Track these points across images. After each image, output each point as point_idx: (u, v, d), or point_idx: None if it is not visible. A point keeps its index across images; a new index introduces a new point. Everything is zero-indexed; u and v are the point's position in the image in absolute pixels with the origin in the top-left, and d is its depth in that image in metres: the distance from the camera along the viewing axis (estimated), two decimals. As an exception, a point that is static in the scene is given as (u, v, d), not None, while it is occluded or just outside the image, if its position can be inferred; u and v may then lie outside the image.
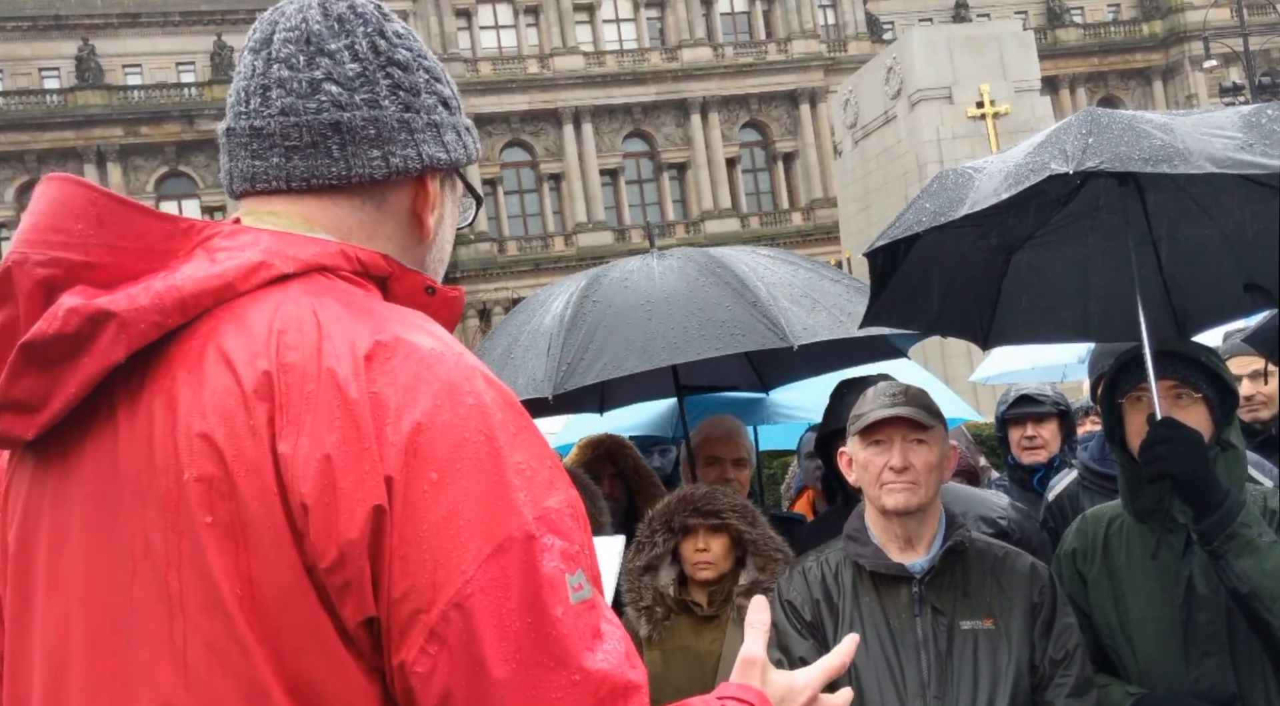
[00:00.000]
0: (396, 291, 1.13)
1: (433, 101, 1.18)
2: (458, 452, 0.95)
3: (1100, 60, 49.81)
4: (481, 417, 0.97)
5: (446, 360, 1.00)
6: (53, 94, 41.33)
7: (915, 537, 2.45)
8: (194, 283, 1.01)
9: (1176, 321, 2.82)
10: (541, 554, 0.95)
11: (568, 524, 0.98)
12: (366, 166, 1.13)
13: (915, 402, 2.46)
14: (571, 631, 0.94)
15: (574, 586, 0.96)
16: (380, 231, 1.16)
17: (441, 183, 1.20)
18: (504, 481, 0.96)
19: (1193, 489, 2.24)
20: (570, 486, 1.03)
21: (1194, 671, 2.35)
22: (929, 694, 2.32)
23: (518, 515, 0.95)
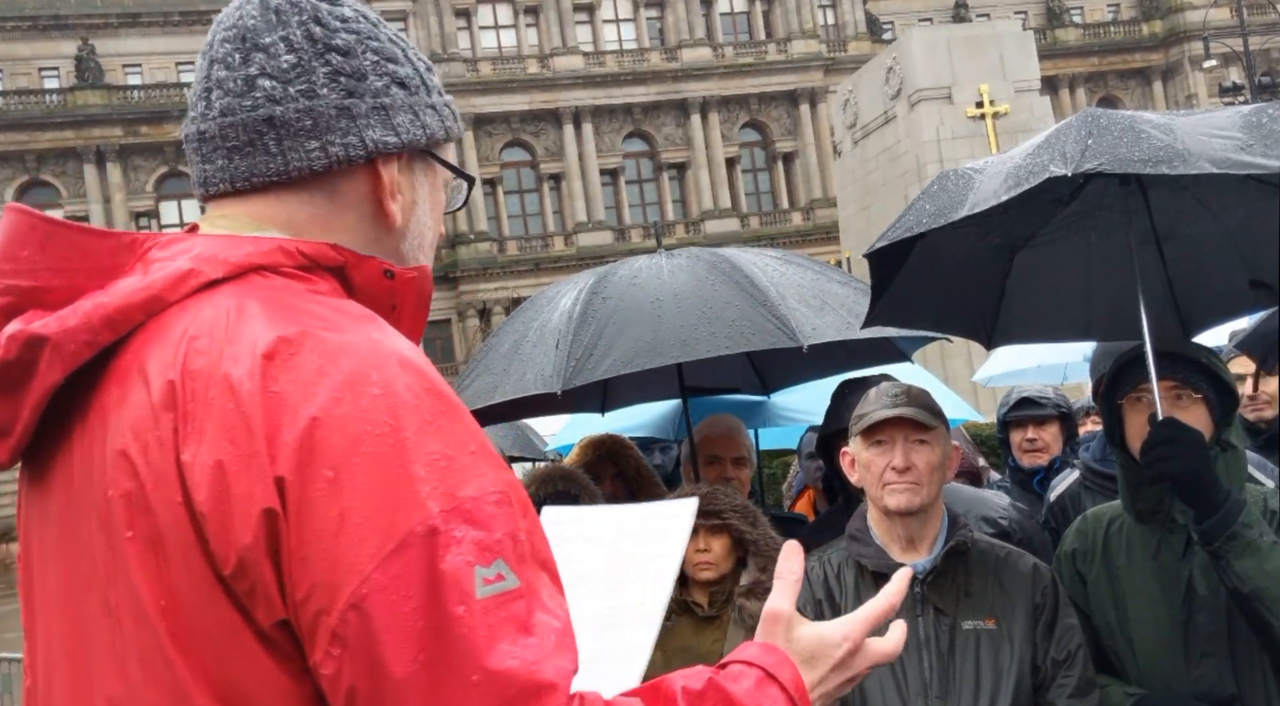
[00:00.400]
0: (357, 280, 1.11)
1: (382, 83, 1.14)
2: (355, 447, 0.92)
3: (1100, 60, 49.81)
4: (387, 408, 0.94)
5: (356, 350, 0.96)
6: (52, 94, 41.33)
7: (917, 538, 2.46)
8: (120, 298, 1.01)
9: (1181, 320, 2.82)
10: (446, 548, 0.91)
11: (488, 512, 0.94)
12: (304, 159, 1.10)
13: (917, 403, 2.46)
14: (475, 628, 0.90)
15: (486, 579, 0.91)
16: (338, 223, 1.13)
17: (411, 166, 1.17)
18: (407, 474, 0.92)
19: (1194, 489, 2.24)
20: (502, 469, 0.98)
21: (1194, 672, 2.35)
22: (931, 694, 2.32)
23: (420, 509, 0.91)
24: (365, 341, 0.98)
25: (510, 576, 0.93)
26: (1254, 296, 2.77)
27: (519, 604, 0.92)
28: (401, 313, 1.13)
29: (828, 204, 41.25)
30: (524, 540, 0.96)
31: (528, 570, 0.95)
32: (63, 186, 40.92)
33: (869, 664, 1.15)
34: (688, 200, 46.36)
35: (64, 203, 40.64)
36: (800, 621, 1.13)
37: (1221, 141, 2.08)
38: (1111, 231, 2.62)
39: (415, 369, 0.98)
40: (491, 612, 0.91)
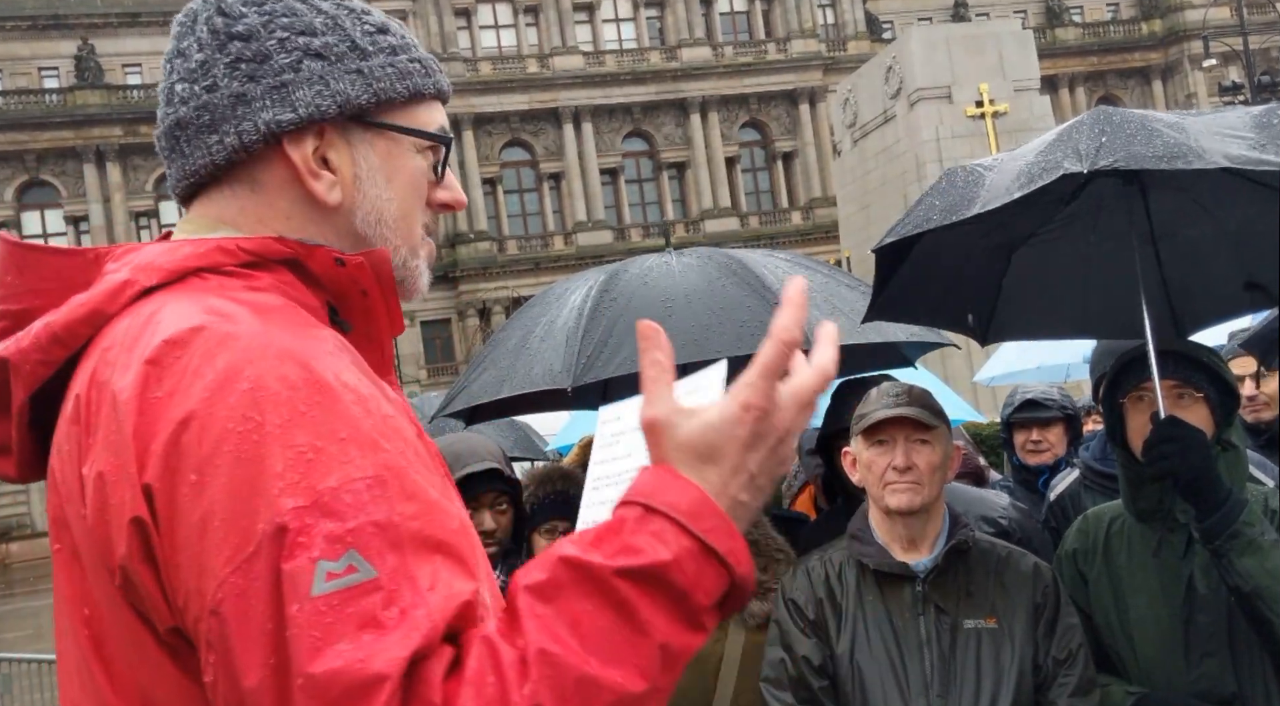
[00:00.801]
0: (316, 270, 1.08)
1: (290, 59, 1.10)
2: (219, 447, 0.89)
3: (1099, 59, 49.83)
4: (254, 402, 0.90)
5: (236, 345, 0.94)
6: (52, 93, 41.34)
7: (919, 537, 2.46)
8: (66, 314, 1.02)
9: (1175, 320, 2.83)
10: (291, 547, 0.86)
11: (350, 500, 0.88)
12: (205, 154, 1.10)
13: (918, 403, 2.46)
14: (305, 629, 0.85)
15: (331, 573, 0.86)
16: (271, 212, 1.11)
17: (346, 138, 1.12)
18: (263, 471, 0.88)
19: (1196, 488, 2.25)
20: (379, 452, 0.92)
21: (1194, 671, 2.36)
22: (932, 692, 2.32)
23: (271, 507, 0.87)
24: (250, 335, 0.95)
25: (365, 567, 0.86)
26: (1249, 298, 2.78)
27: (372, 598, 0.86)
28: (372, 297, 1.10)
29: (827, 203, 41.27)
30: (399, 524, 0.89)
31: (397, 557, 0.88)
32: (62, 186, 40.92)
33: (798, 410, 0.95)
34: (687, 199, 46.38)
35: (64, 203, 40.67)
36: (685, 414, 0.94)
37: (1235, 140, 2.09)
38: (1112, 230, 2.63)
39: (295, 359, 0.94)
40: (330, 611, 0.85)
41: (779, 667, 2.45)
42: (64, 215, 40.69)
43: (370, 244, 1.13)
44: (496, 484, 3.01)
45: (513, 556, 3.10)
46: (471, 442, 3.12)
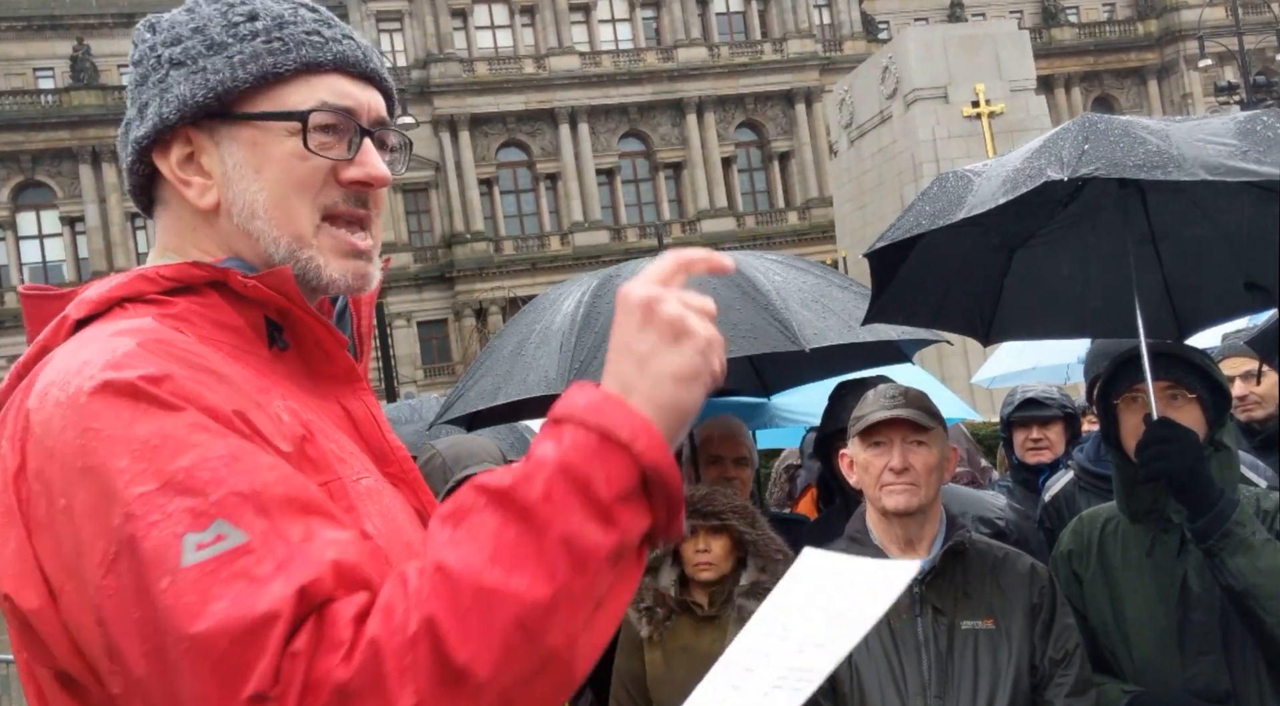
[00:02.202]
0: (239, 289, 1.08)
1: (159, 75, 1.12)
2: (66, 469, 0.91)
3: (1095, 59, 49.88)
4: (91, 416, 0.92)
5: (70, 368, 0.96)
6: (47, 94, 41.24)
7: (916, 538, 2.47)
8: (25, 353, 1.06)
9: (1177, 321, 2.84)
10: (146, 529, 0.87)
11: (204, 477, 0.89)
12: (124, 177, 1.17)
13: (915, 404, 2.47)
14: (181, 596, 0.84)
15: (201, 543, 0.86)
16: (182, 225, 1.14)
17: (214, 138, 1.11)
18: (110, 472, 0.89)
19: (1188, 488, 2.26)
20: (232, 436, 0.93)
21: (1189, 670, 2.37)
22: (929, 693, 2.33)
23: (118, 500, 0.88)
24: (96, 351, 0.97)
25: (234, 533, 0.87)
26: (1249, 298, 2.79)
27: (246, 559, 0.86)
28: (296, 306, 1.09)
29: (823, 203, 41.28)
30: (262, 491, 0.90)
31: (266, 521, 0.88)
32: (58, 187, 40.84)
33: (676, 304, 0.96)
34: (684, 200, 46.37)
35: (60, 203, 40.59)
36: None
37: (1217, 148, 2.10)
38: (1109, 232, 2.64)
39: (127, 360, 0.95)
40: (204, 577, 0.85)
41: (777, 668, 2.45)
42: (60, 216, 40.60)
43: (254, 239, 1.10)
44: (495, 485, 3.02)
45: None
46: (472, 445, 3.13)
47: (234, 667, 0.82)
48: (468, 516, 0.88)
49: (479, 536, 0.86)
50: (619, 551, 0.89)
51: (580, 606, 0.87)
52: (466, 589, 0.84)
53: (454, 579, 0.84)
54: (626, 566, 0.91)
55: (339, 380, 1.12)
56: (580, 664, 0.89)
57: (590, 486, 0.88)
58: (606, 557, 0.88)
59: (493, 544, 0.86)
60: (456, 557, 0.86)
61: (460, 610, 0.83)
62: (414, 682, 0.82)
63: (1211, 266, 2.76)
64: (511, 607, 0.84)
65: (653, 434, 0.91)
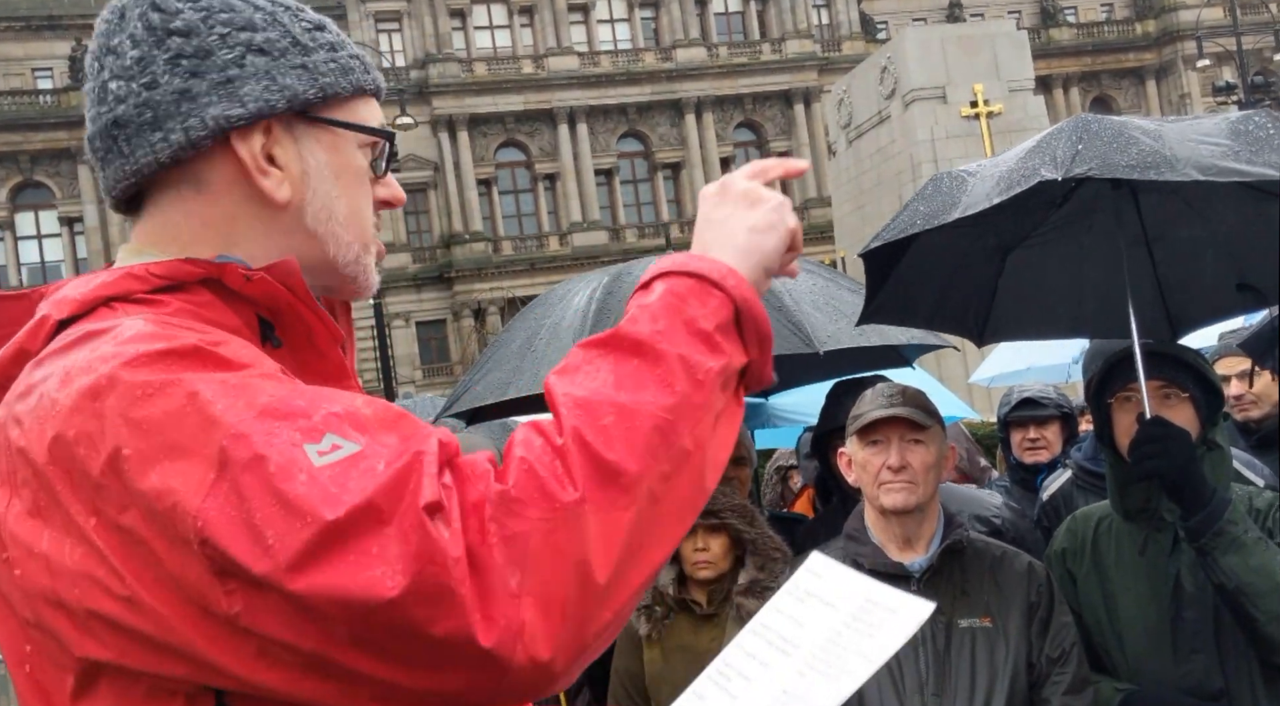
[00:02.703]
0: (237, 288, 1.04)
1: (234, 54, 1.07)
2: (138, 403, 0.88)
3: (1094, 60, 49.89)
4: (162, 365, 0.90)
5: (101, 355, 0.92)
6: (46, 94, 41.22)
7: (914, 537, 2.48)
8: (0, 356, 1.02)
9: (1170, 321, 2.85)
10: (264, 442, 0.85)
11: (301, 403, 0.89)
12: (150, 152, 1.05)
13: (913, 403, 2.48)
14: (322, 487, 0.83)
15: (321, 451, 0.85)
16: (217, 212, 1.08)
17: (292, 133, 1.09)
18: (195, 403, 0.87)
19: (1181, 487, 2.27)
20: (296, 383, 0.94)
21: (1182, 668, 2.38)
22: (927, 691, 2.34)
23: (218, 426, 0.86)
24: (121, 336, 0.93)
25: (347, 444, 0.87)
26: (1241, 299, 2.80)
27: (369, 461, 0.86)
28: (296, 307, 1.06)
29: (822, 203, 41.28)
30: (357, 411, 0.90)
31: (369, 436, 0.88)
32: (57, 187, 40.83)
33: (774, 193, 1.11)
34: (683, 200, 46.36)
35: (58, 203, 40.56)
36: None
37: (1209, 148, 2.11)
38: (1103, 233, 2.65)
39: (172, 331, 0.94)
40: (337, 479, 0.84)
41: (775, 666, 2.46)
42: (58, 216, 40.59)
43: (321, 241, 1.11)
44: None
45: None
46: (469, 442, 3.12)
47: (400, 497, 0.84)
48: (582, 365, 0.96)
49: (600, 373, 0.95)
50: (725, 375, 0.98)
51: (702, 415, 0.95)
52: (603, 408, 0.92)
53: (589, 403, 0.92)
54: (732, 395, 1.00)
55: (330, 377, 1.09)
56: (710, 470, 0.97)
57: (693, 319, 0.98)
58: (718, 376, 0.97)
59: (615, 375, 0.94)
60: (585, 390, 0.93)
61: (601, 424, 0.91)
62: (573, 481, 0.88)
63: (1204, 267, 2.77)
64: (646, 416, 0.92)
65: (739, 275, 1.02)
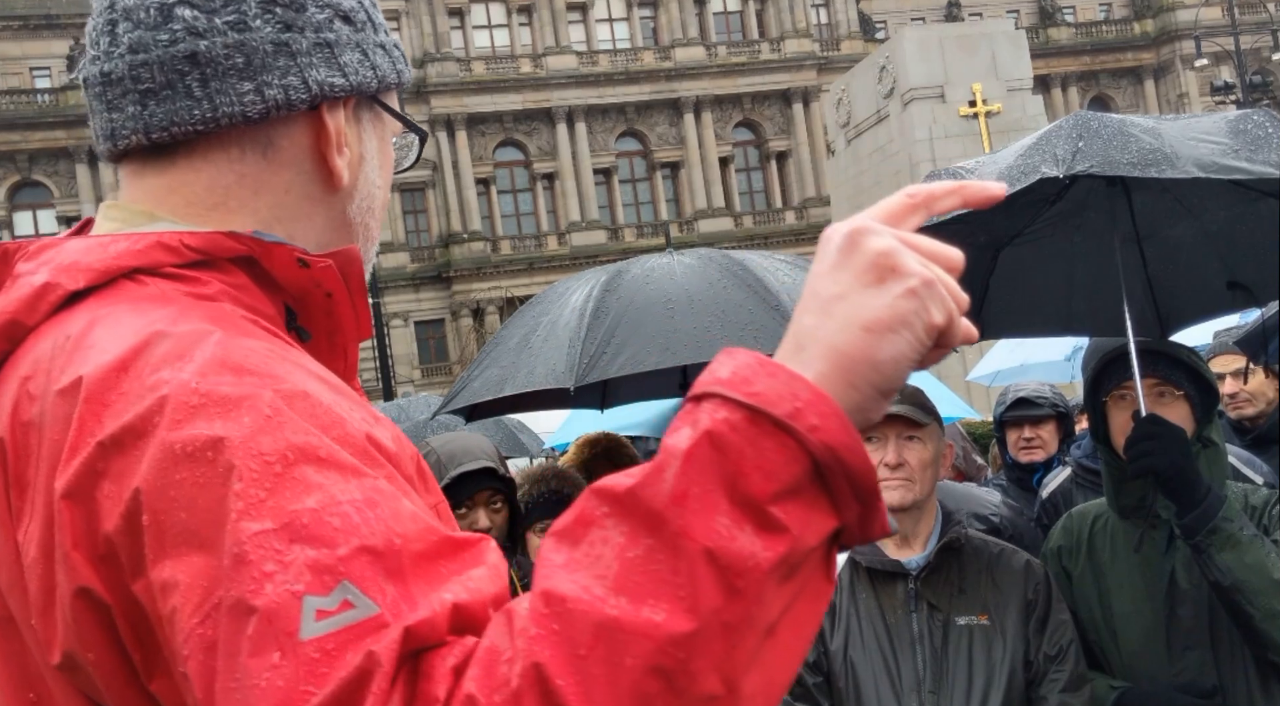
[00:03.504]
0: (272, 269, 0.91)
1: (324, 16, 0.96)
2: (169, 477, 0.73)
3: (1092, 59, 49.92)
4: (209, 417, 0.74)
5: (183, 363, 0.77)
6: (44, 93, 41.21)
7: (911, 534, 2.48)
8: None
9: (1159, 319, 2.86)
10: (263, 579, 0.69)
11: (338, 524, 0.71)
12: (236, 103, 0.91)
13: (909, 400, 2.48)
14: (290, 679, 0.66)
15: (320, 612, 0.68)
16: (272, 183, 0.94)
17: (358, 115, 0.99)
18: (224, 498, 0.72)
19: (1176, 484, 2.28)
20: (371, 470, 0.76)
21: (1177, 665, 2.38)
22: (924, 689, 2.34)
23: (230, 534, 0.71)
24: (200, 355, 0.78)
25: (364, 602, 0.68)
26: (1231, 298, 2.81)
27: (379, 636, 0.68)
28: (337, 299, 0.94)
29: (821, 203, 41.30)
30: (400, 549, 0.72)
31: (400, 586, 0.70)
32: (55, 186, 40.82)
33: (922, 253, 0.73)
34: (681, 199, 46.38)
35: (56, 203, 40.55)
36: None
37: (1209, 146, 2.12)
38: (1095, 230, 2.65)
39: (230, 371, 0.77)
40: (325, 657, 0.67)
41: (772, 664, 2.46)
42: (56, 215, 40.54)
43: (354, 232, 1.00)
44: (491, 482, 3.03)
45: (507, 554, 3.12)
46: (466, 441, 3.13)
47: None
48: (586, 532, 0.68)
49: (599, 556, 0.67)
50: (788, 563, 0.67)
51: (741, 639, 0.65)
52: (584, 625, 0.64)
53: (568, 613, 0.65)
54: (808, 579, 0.69)
55: (343, 378, 1.01)
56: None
57: (739, 481, 0.66)
58: (770, 573, 0.66)
59: (617, 565, 0.66)
60: (571, 585, 0.66)
61: (577, 654, 0.64)
62: None
63: (1194, 265, 2.77)
64: (644, 647, 0.64)
65: (826, 404, 0.68)
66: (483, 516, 3.01)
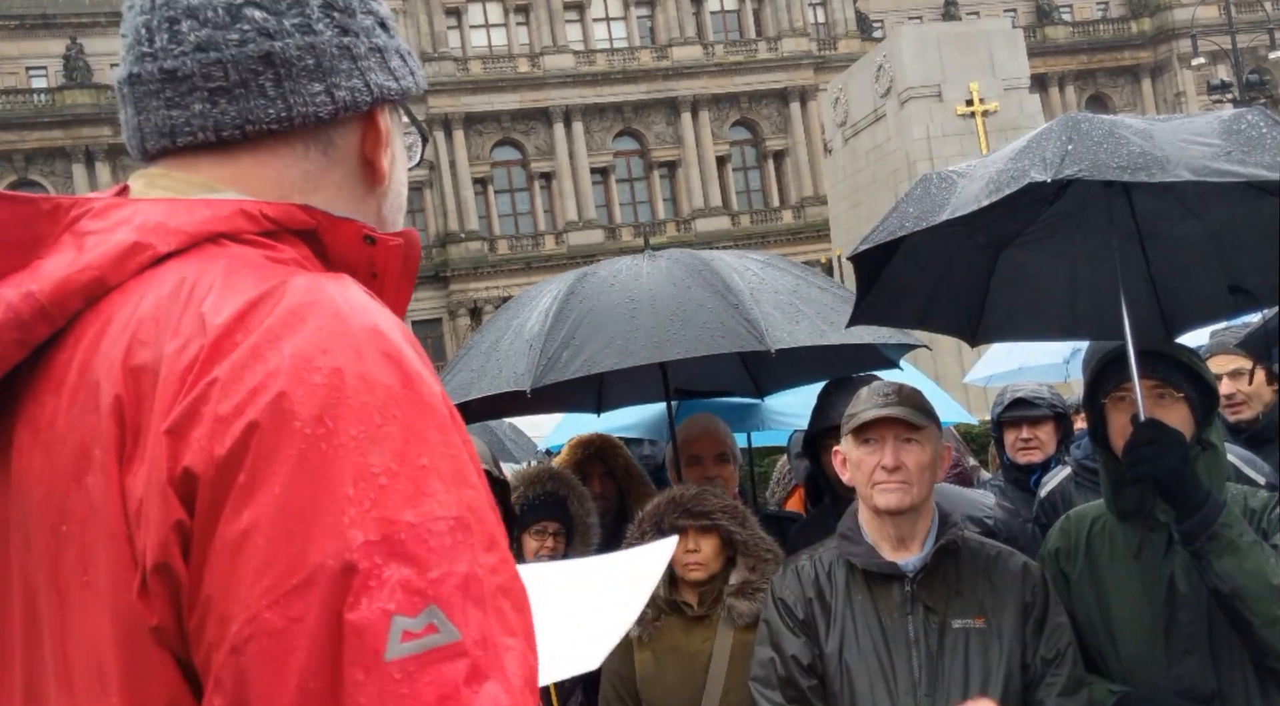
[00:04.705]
0: (333, 246, 0.94)
1: (370, 22, 1.00)
2: (278, 449, 0.74)
3: (1089, 58, 49.97)
4: (327, 401, 0.75)
5: (312, 319, 0.79)
6: (40, 93, 41.18)
7: (908, 536, 2.46)
8: (53, 284, 0.84)
9: (1164, 321, 2.83)
10: (361, 592, 0.71)
11: (430, 544, 0.74)
12: (309, 104, 0.94)
13: (908, 403, 2.46)
14: (374, 701, 0.70)
15: (409, 632, 0.71)
16: (327, 181, 0.98)
17: (391, 116, 1.04)
18: (332, 491, 0.73)
19: (1175, 490, 2.26)
20: (465, 487, 0.78)
21: (1175, 669, 2.37)
22: (920, 692, 2.33)
23: (339, 538, 0.72)
24: (329, 312, 0.80)
25: (448, 627, 0.72)
26: (1233, 301, 2.78)
27: (456, 665, 0.72)
28: (384, 282, 0.96)
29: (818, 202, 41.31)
30: (482, 578, 0.76)
31: (481, 616, 0.74)
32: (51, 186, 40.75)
33: None
34: (678, 198, 46.38)
35: (52, 203, 40.51)
36: None
37: (1200, 148, 2.09)
38: (1096, 230, 2.63)
39: (384, 349, 0.80)
40: (405, 680, 0.70)
41: (768, 667, 2.45)
42: (53, 215, 40.52)
43: (385, 229, 1.03)
44: (486, 485, 3.01)
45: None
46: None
47: None
48: None
49: None
50: None
51: None
52: None
53: None
54: None
55: None
56: None
57: None
58: None
59: None
60: None
61: None
62: None
63: (1199, 265, 2.75)
64: None
65: None
66: (477, 518, 2.99)
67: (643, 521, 2.94)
